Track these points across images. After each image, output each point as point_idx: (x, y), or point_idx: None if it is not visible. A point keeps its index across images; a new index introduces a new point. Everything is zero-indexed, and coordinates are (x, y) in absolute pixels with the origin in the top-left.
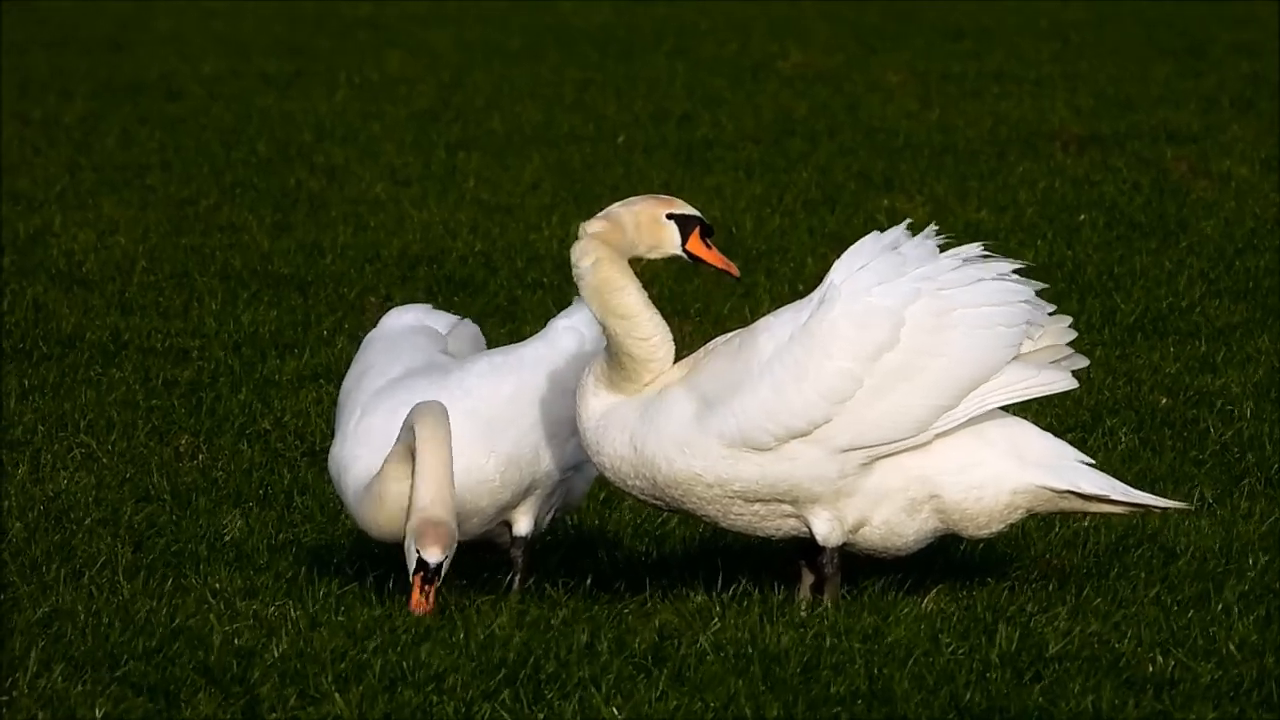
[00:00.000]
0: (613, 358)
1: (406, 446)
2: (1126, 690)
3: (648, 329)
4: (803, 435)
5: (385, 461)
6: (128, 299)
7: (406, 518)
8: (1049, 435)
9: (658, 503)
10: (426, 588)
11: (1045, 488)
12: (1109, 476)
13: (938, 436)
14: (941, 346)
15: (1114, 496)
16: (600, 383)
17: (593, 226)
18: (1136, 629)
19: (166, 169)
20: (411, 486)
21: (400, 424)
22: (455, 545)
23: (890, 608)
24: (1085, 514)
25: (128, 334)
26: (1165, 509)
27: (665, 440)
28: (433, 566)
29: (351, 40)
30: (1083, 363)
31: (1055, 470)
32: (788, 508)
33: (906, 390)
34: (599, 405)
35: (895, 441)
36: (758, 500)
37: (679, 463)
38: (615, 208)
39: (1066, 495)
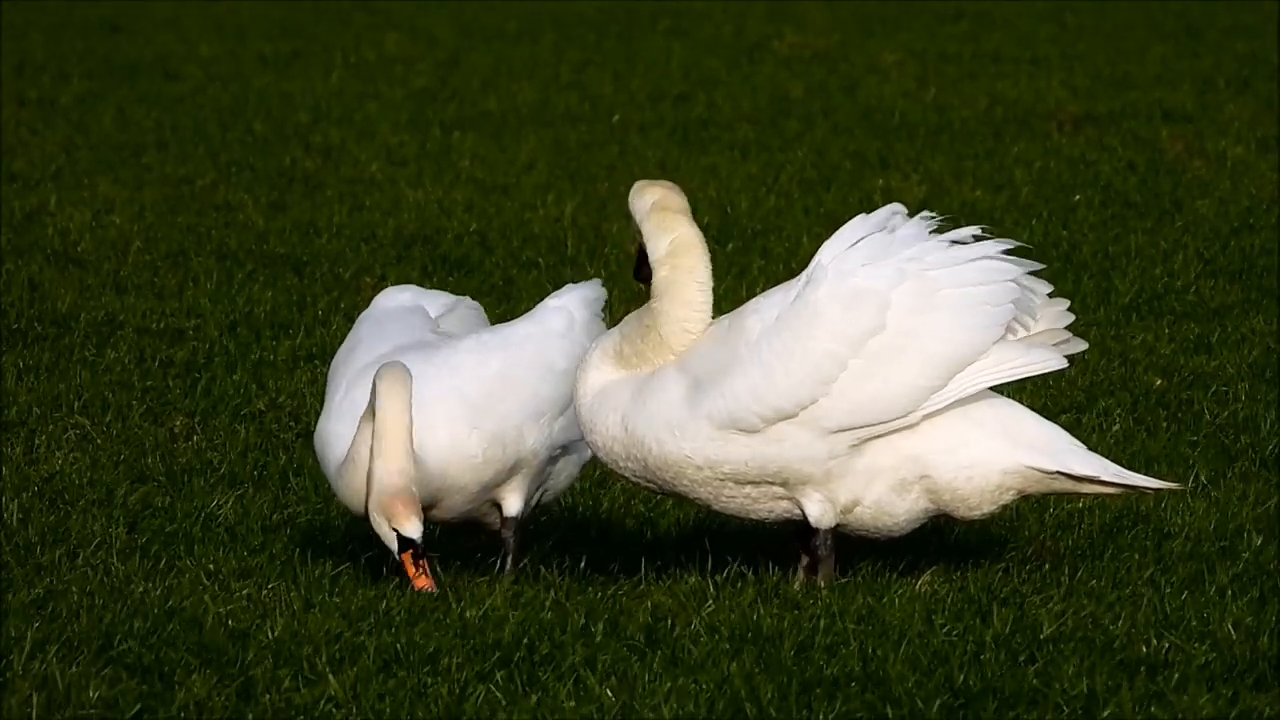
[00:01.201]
0: (639, 330)
1: (373, 410)
2: (1120, 672)
3: (700, 325)
4: (790, 417)
5: (359, 428)
6: (123, 279)
7: (368, 490)
8: (1040, 417)
9: (650, 485)
10: (421, 563)
11: (1035, 468)
12: (1100, 457)
13: (927, 417)
14: (928, 327)
15: (1104, 477)
16: (606, 356)
17: (654, 194)
18: (1130, 611)
19: (163, 149)
20: (370, 452)
21: None
22: (421, 508)
23: (885, 589)
24: (1077, 495)
25: (123, 314)
26: (1157, 489)
27: (656, 421)
28: (418, 540)
29: (349, 22)
30: (1080, 346)
31: (1045, 451)
32: (779, 490)
33: (894, 371)
34: (597, 380)
35: (884, 422)
36: (748, 482)
37: (669, 444)
38: (668, 184)
39: (1056, 476)
